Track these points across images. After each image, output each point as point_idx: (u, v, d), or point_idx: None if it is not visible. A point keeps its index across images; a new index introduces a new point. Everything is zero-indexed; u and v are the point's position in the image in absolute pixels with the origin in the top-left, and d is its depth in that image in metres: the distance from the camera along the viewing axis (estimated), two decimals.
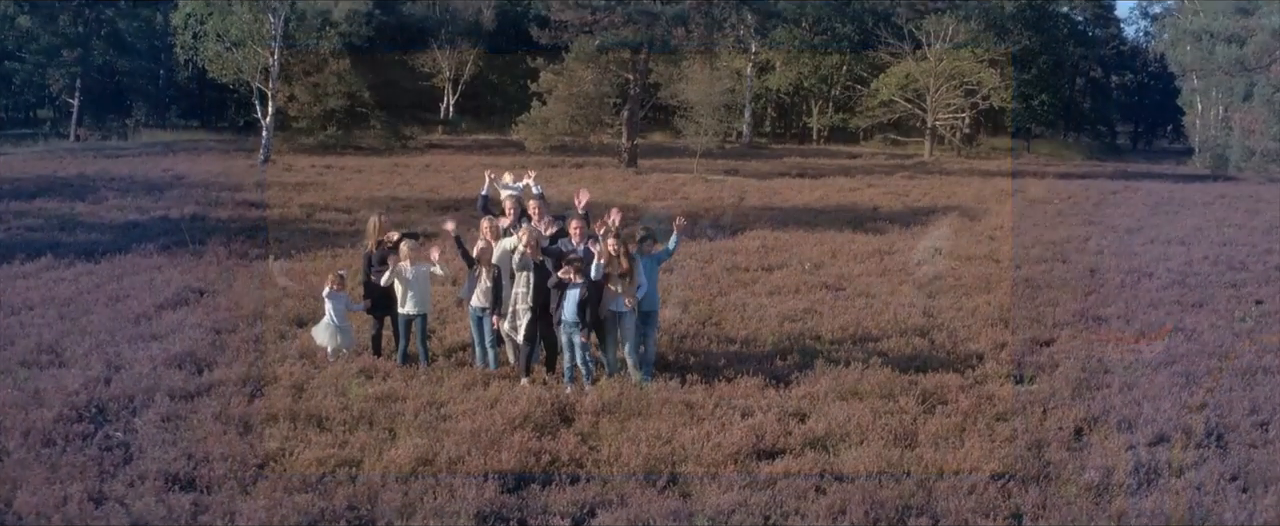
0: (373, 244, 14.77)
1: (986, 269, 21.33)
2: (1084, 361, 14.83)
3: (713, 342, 15.50)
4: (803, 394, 13.02)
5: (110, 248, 22.90)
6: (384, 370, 13.96)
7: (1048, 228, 27.30)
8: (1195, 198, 35.78)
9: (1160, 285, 19.91)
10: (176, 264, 21.48)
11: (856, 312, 17.51)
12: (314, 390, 12.93)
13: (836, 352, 15.12)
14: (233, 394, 12.58)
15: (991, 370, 14.31)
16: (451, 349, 15.11)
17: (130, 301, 17.99)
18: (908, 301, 18.34)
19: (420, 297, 14.15)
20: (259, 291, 18.67)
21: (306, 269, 21.30)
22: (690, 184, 37.29)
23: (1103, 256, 23.03)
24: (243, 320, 16.53)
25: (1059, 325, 16.90)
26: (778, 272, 21.23)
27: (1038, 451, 11.42)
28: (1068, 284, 19.97)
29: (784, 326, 16.43)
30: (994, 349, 15.52)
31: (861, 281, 20.35)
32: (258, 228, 25.79)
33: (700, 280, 20.44)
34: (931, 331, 16.31)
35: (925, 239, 25.22)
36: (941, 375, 13.98)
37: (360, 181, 35.40)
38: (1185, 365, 14.62)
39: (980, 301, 18.44)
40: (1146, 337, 16.26)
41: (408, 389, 13.08)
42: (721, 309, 17.69)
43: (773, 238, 25.35)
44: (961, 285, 19.81)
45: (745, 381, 13.37)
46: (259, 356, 14.50)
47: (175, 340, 15.15)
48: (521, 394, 12.81)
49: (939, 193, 36.10)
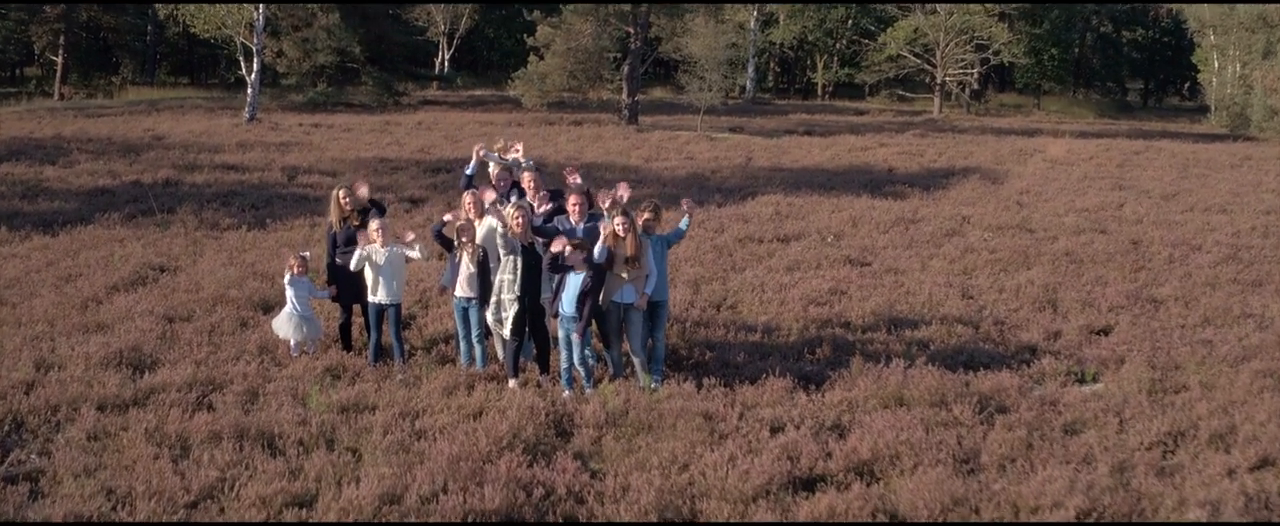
0: (337, 221, 12.72)
1: (1021, 241, 19.29)
2: (1150, 355, 12.83)
3: (730, 331, 13.49)
4: (839, 399, 11.04)
5: (72, 218, 20.85)
6: (353, 369, 11.97)
7: (1076, 193, 25.22)
8: (1220, 159, 33.67)
9: (1212, 261, 17.88)
10: (140, 236, 19.43)
11: (887, 293, 15.50)
12: (269, 397, 10.94)
13: (871, 343, 13.15)
14: (173, 404, 10.58)
15: (1049, 367, 12.32)
16: (432, 340, 13.12)
17: (81, 282, 15.96)
18: (942, 279, 16.31)
19: (393, 284, 12.11)
20: (225, 269, 16.63)
21: (280, 241, 19.24)
22: (694, 142, 35.16)
23: (1143, 226, 20.98)
24: (201, 305, 14.51)
25: (1114, 309, 14.89)
26: (795, 244, 19.19)
27: (1123, 478, 9.43)
28: (1112, 259, 17.94)
29: (809, 311, 14.41)
30: (1047, 339, 13.54)
31: (888, 255, 18.32)
32: (233, 194, 23.70)
33: (712, 254, 18.41)
34: (974, 318, 14.30)
35: (950, 205, 23.15)
36: (995, 374, 12.00)
37: (348, 141, 33.24)
38: (1265, 361, 12.61)
39: (1021, 279, 16.42)
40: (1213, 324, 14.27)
41: (379, 394, 11.10)
42: (737, 290, 15.67)
43: (786, 203, 23.28)
44: (997, 259, 17.77)
45: (771, 383, 11.38)
46: (212, 352, 12.50)
47: (120, 332, 13.13)
48: (510, 400, 10.83)
49: (955, 152, 33.98)
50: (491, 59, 60.31)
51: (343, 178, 16.50)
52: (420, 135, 35.36)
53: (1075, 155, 33.34)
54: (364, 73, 45.90)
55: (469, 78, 59.26)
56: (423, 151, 31.21)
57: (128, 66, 56.84)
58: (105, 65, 56.10)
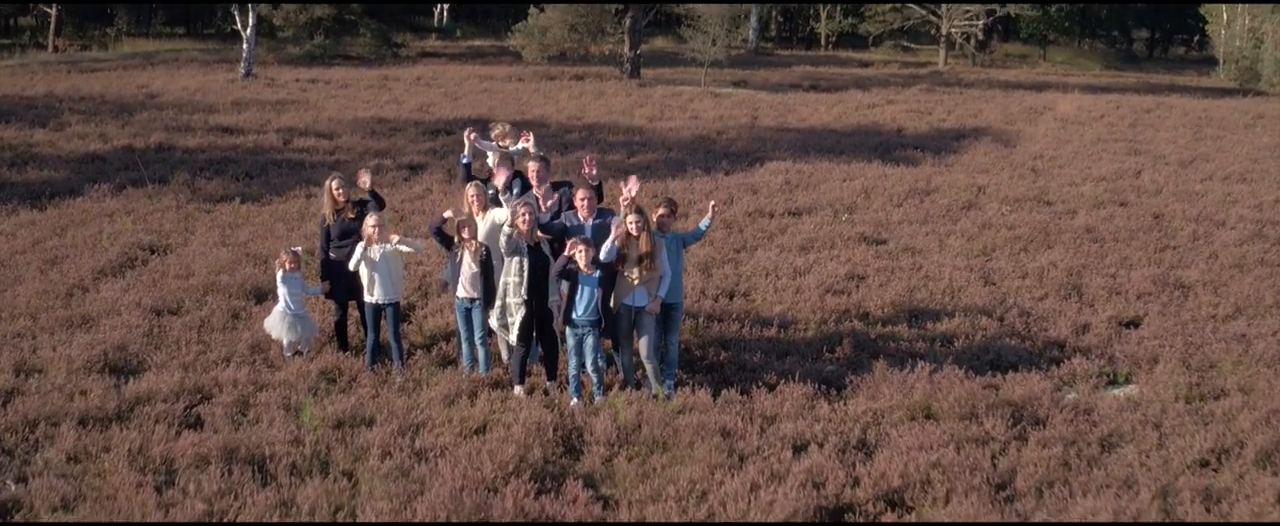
0: (331, 214, 11.95)
1: (1039, 216, 18.53)
2: (1183, 353, 12.16)
3: (745, 325, 12.79)
4: (863, 409, 10.36)
5: (61, 189, 20.10)
6: (350, 372, 11.28)
7: (1091, 158, 24.40)
8: (1233, 118, 32.77)
9: (1238, 238, 17.13)
10: (131, 210, 18.68)
11: (906, 278, 14.78)
12: (261, 409, 10.26)
13: (892, 339, 12.47)
14: (159, 417, 9.90)
15: (1080, 368, 11.63)
16: (432, 337, 12.43)
17: (67, 265, 15.24)
18: (962, 262, 15.58)
19: (389, 283, 11.38)
20: (216, 251, 15.89)
21: (274, 215, 18.50)
22: (698, 99, 34.24)
23: (1163, 197, 20.21)
24: (191, 294, 13.80)
25: (1142, 296, 14.18)
26: (807, 219, 18.45)
27: (1166, 504, 8.78)
28: (1135, 236, 17.20)
29: (825, 300, 13.70)
30: (1076, 333, 12.86)
31: (903, 231, 17.58)
32: (227, 161, 22.88)
33: (721, 229, 17.65)
34: (998, 308, 13.59)
35: (964, 173, 22.35)
36: (1024, 376, 11.33)
37: (345, 99, 32.32)
38: None
39: (1043, 261, 15.70)
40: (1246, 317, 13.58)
41: (376, 404, 10.43)
42: (750, 275, 14.95)
43: (795, 170, 22.48)
44: (1017, 237, 17.03)
45: (791, 389, 10.70)
46: (201, 352, 11.81)
47: (106, 328, 12.45)
48: (516, 412, 10.16)
49: (964, 111, 33.07)
50: (491, 8, 59.00)
51: (335, 171, 15.69)
52: (419, 92, 34.45)
53: (1085, 113, 32.46)
54: (362, 25, 44.83)
55: (469, 27, 58.08)
56: (421, 110, 30.34)
57: (123, 17, 55.61)
58: (100, 16, 54.87)
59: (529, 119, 28.91)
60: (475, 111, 29.52)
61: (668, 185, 21.00)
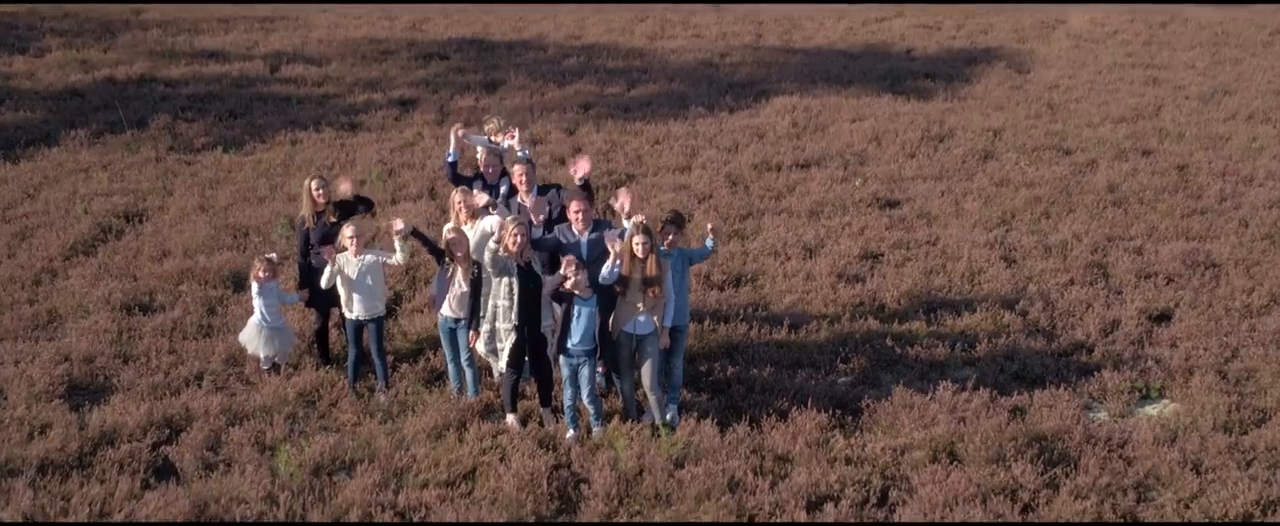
0: (311, 216, 10.92)
1: (1059, 170, 17.42)
2: (1218, 357, 11.27)
3: (753, 326, 11.85)
4: (882, 448, 9.49)
5: (37, 135, 19.03)
6: (330, 395, 10.38)
7: (1108, 90, 23.10)
8: (1250, 34, 31.18)
9: (1267, 199, 16.03)
10: (108, 163, 17.64)
11: (923, 259, 13.79)
12: (233, 448, 9.40)
13: (909, 342, 11.57)
14: (124, 463, 9.05)
15: (1110, 382, 10.74)
16: (418, 343, 11.50)
17: (38, 239, 14.30)
18: (981, 234, 14.54)
19: (371, 298, 10.41)
20: (193, 223, 14.90)
21: (258, 168, 17.43)
22: (701, 12, 32.69)
23: (1186, 143, 19.02)
24: (165, 283, 12.87)
25: (1171, 280, 13.22)
26: (816, 173, 17.36)
27: None
28: (1160, 197, 16.13)
29: (838, 291, 12.73)
30: (1103, 331, 11.94)
31: (917, 190, 16.51)
32: (211, 96, 21.69)
33: (726, 187, 16.64)
34: (1021, 298, 12.64)
35: (978, 111, 21.15)
36: (1052, 394, 10.46)
37: (336, 15, 30.76)
38: None
39: (1066, 232, 14.68)
40: None
41: (357, 440, 9.58)
42: (757, 254, 13.95)
43: (802, 108, 21.28)
44: (1036, 199, 15.98)
45: (804, 419, 9.82)
46: (174, 364, 10.93)
47: (74, 332, 11.57)
48: (508, 449, 9.32)
49: (974, 25, 31.47)
50: None
51: (313, 168, 14.64)
52: (411, 5, 32.86)
53: (1098, 28, 30.98)
54: None
55: None
56: (415, 29, 28.89)
57: None
58: None
59: (526, 38, 27.61)
60: (471, 30, 28.15)
61: (668, 127, 19.89)
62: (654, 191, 16.52)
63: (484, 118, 12.18)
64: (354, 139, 19.33)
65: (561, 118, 20.53)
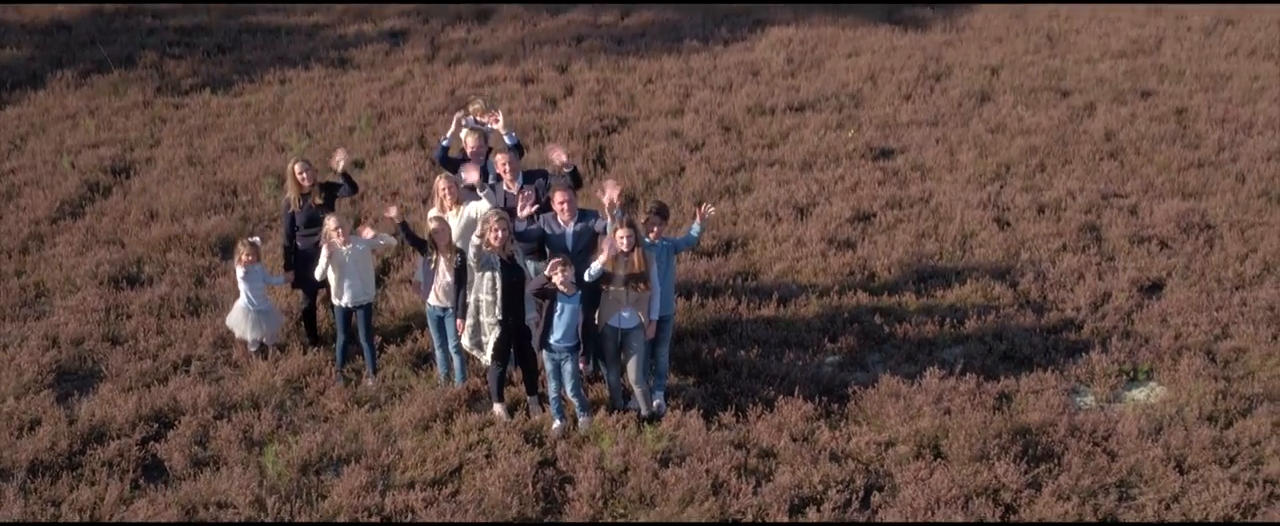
0: (296, 199, 10.77)
1: (1056, 114, 17.14)
2: (1208, 335, 11.21)
3: (742, 299, 11.77)
4: (866, 442, 9.48)
5: (23, 76, 18.76)
6: (318, 383, 10.36)
7: (1109, 19, 22.63)
8: None
9: (1265, 151, 15.75)
10: (95, 108, 17.46)
11: (915, 221, 13.64)
12: (221, 443, 9.41)
13: (898, 317, 11.52)
14: (114, 463, 9.08)
15: (1098, 365, 10.70)
16: (406, 321, 11.44)
17: (25, 200, 14.19)
18: (974, 191, 14.35)
19: (360, 283, 10.33)
20: (181, 181, 14.75)
21: (246, 112, 17.20)
22: None
23: (1186, 83, 18.70)
24: (153, 250, 12.80)
25: (1165, 245, 13.10)
26: (810, 117, 17.12)
27: None
28: (1157, 148, 15.91)
29: (828, 259, 12.61)
30: (1094, 304, 11.84)
31: (912, 138, 16.29)
32: (198, 29, 21.31)
33: (718, 135, 16.43)
34: (1013, 266, 12.54)
35: (975, 45, 20.76)
36: (1039, 377, 10.43)
37: None
38: None
39: (1060, 188, 14.49)
40: None
41: (344, 429, 9.61)
42: (748, 215, 13.80)
43: (798, 41, 20.92)
44: (1032, 149, 15.77)
45: (790, 409, 9.82)
46: (163, 346, 10.91)
47: (62, 311, 11.53)
48: (495, 444, 9.35)
49: None
50: None
51: (296, 151, 14.36)
52: None
53: None
54: None
55: None
56: None
57: None
58: None
59: None
60: None
61: (662, 64, 19.59)
62: (646, 139, 16.31)
63: (469, 99, 11.93)
64: (344, 77, 19.04)
65: (553, 53, 20.19)
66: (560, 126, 16.54)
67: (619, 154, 15.90)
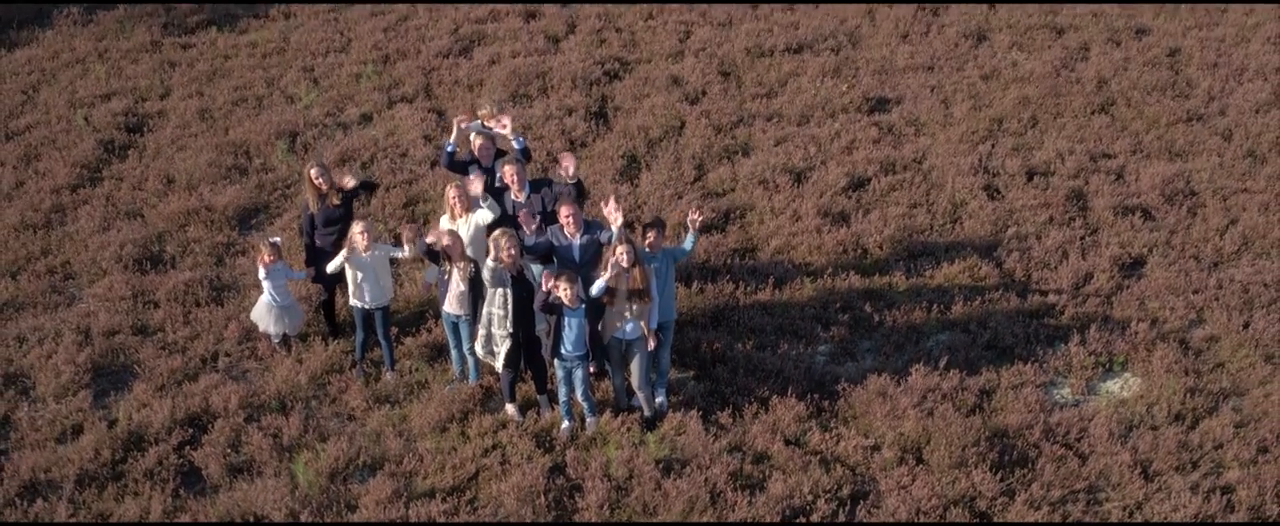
0: (314, 201, 11.18)
1: (1050, 56, 17.33)
2: (1183, 320, 11.75)
3: (739, 283, 12.27)
4: (854, 446, 10.11)
5: (30, 14, 18.89)
6: (340, 384, 10.94)
7: None
8: None
9: (1254, 102, 16.00)
10: (103, 50, 17.65)
11: (908, 189, 14.03)
12: (254, 448, 10.04)
13: (888, 303, 12.05)
14: (154, 473, 9.74)
15: (1076, 357, 11.27)
16: (421, 310, 11.95)
17: (44, 165, 14.56)
18: (965, 157, 14.68)
19: (378, 286, 10.82)
20: (195, 130, 15.10)
21: (253, 55, 17.39)
22: None
23: (1180, 19, 18.78)
24: (172, 224, 13.25)
25: (1148, 216, 13.53)
26: (809, 61, 17.33)
27: None
28: (1148, 95, 16.17)
29: (823, 235, 13.04)
30: (1074, 287, 12.34)
31: (907, 86, 16.54)
32: None
33: (718, 84, 16.66)
34: (1000, 242, 12.99)
35: None
36: (1017, 373, 11.01)
37: None
38: None
39: (1050, 149, 14.82)
40: None
41: (366, 433, 10.25)
42: (745, 182, 14.17)
43: None
44: (1025, 100, 16.05)
45: (784, 410, 10.43)
46: (190, 339, 11.47)
47: (91, 299, 12.06)
48: (509, 448, 10.02)
49: None
50: None
51: (314, 153, 14.57)
52: None
53: None
54: None
55: None
56: None
57: None
58: None
59: None
60: None
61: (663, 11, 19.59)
62: (647, 88, 16.56)
63: (477, 103, 12.20)
64: (348, 13, 19.13)
65: None
66: (562, 74, 16.75)
67: (620, 104, 16.18)
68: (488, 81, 16.55)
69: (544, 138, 15.02)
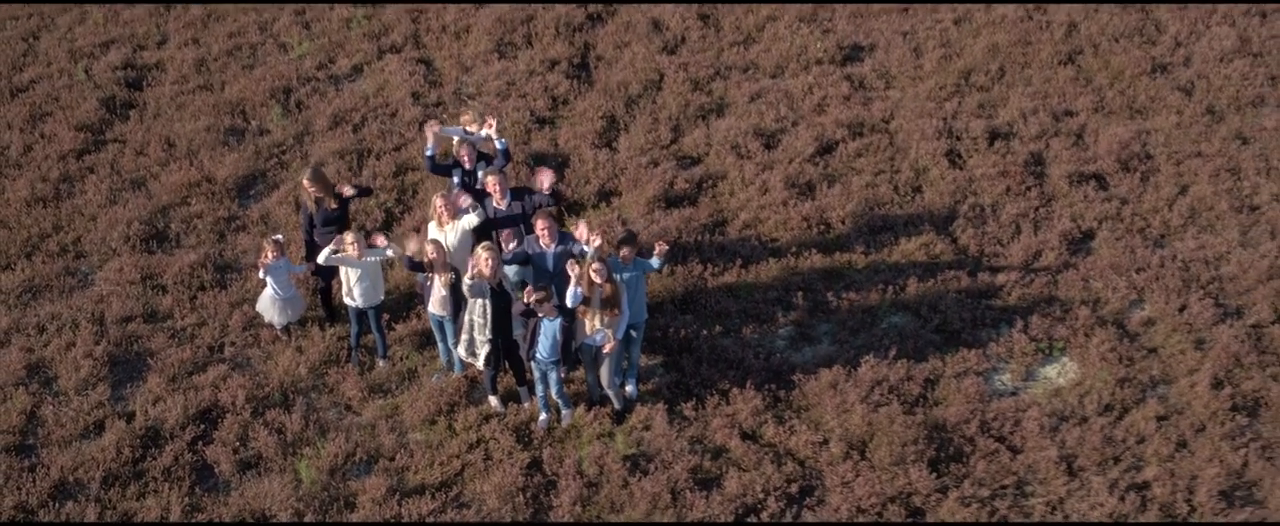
0: (312, 202, 11.80)
1: None
2: (1123, 302, 12.46)
3: (707, 264, 12.96)
4: (804, 441, 10.98)
5: None
6: (337, 375, 11.76)
7: None
8: None
9: (1218, 51, 16.25)
10: None
11: (873, 155, 14.56)
12: (260, 444, 10.94)
13: (847, 284, 12.76)
14: (170, 473, 10.65)
15: (1017, 344, 12.02)
16: (409, 294, 12.67)
17: (49, 127, 15.09)
18: (931, 119, 15.11)
19: (371, 287, 11.54)
20: (193, 86, 15.57)
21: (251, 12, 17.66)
22: None
23: None
24: (176, 195, 13.88)
25: (1102, 185, 14.09)
26: (788, 5, 17.55)
27: None
28: (1115, 42, 16.48)
29: (790, 209, 13.63)
30: (1024, 264, 12.99)
31: (881, 34, 16.84)
32: None
33: (697, 29, 16.98)
34: (956, 216, 13.60)
35: None
36: (962, 360, 11.81)
37: None
38: (1232, 333, 12.34)
39: (1014, 109, 15.27)
40: None
41: (362, 427, 11.13)
42: (717, 147, 14.68)
43: None
44: (994, 49, 16.38)
45: (744, 402, 11.26)
46: (197, 325, 12.26)
47: (102, 282, 12.78)
48: (492, 443, 10.93)
49: None
50: None
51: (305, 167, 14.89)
52: None
53: None
54: None
55: None
56: None
57: None
58: None
59: None
60: None
61: None
62: (629, 36, 16.87)
63: (461, 110, 12.65)
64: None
65: None
66: (547, 19, 17.04)
67: (603, 54, 16.53)
68: (474, 28, 16.87)
69: (528, 96, 15.46)
